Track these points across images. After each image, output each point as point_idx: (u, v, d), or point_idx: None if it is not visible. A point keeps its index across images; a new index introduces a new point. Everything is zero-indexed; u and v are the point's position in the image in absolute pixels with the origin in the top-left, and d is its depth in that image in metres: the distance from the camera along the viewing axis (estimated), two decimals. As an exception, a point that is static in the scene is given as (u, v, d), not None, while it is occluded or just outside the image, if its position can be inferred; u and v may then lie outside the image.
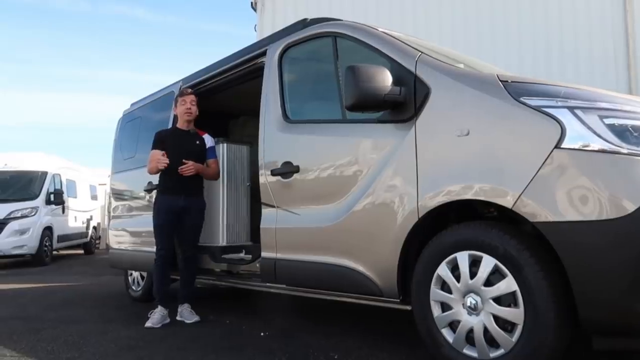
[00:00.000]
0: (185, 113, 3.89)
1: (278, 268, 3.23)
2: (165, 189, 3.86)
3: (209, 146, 4.01)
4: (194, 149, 3.90)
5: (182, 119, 3.93)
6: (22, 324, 3.85)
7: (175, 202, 3.79)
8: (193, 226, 3.88)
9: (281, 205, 3.26)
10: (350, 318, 3.72)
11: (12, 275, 8.46)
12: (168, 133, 4.01)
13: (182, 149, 3.83)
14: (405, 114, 2.55)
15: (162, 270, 3.81)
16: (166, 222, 3.80)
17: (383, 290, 2.63)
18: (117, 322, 3.88)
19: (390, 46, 2.72)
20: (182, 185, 3.79)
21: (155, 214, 3.84)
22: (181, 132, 3.95)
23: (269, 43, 3.63)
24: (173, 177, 3.79)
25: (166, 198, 3.82)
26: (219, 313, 4.04)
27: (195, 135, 3.97)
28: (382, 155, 2.65)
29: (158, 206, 3.85)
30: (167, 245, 3.81)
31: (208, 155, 3.98)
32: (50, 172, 11.18)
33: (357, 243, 2.74)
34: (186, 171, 3.75)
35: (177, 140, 3.89)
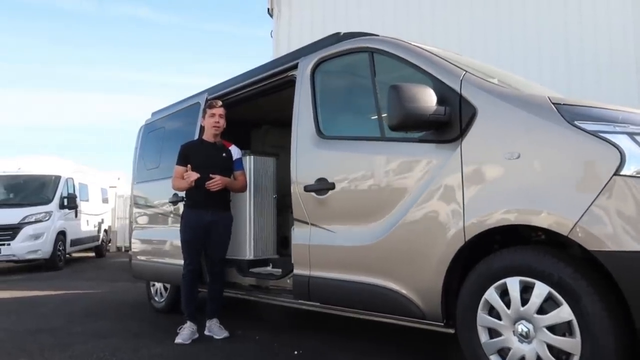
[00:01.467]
0: (213, 126, 3.83)
1: (312, 286, 3.20)
2: (192, 204, 3.80)
3: (236, 158, 3.94)
4: (221, 162, 3.83)
5: (210, 131, 3.87)
6: (50, 338, 3.83)
7: (202, 217, 3.73)
8: (220, 241, 3.81)
9: (315, 222, 3.22)
10: (384, 333, 3.66)
11: (28, 280, 8.47)
12: (194, 146, 3.94)
13: (208, 162, 3.76)
14: (450, 134, 2.51)
15: (191, 285, 3.77)
16: (194, 237, 3.74)
17: (425, 313, 2.59)
18: (145, 337, 3.85)
19: (432, 64, 2.67)
20: (209, 200, 3.73)
21: (183, 229, 3.79)
22: (207, 144, 3.89)
23: (300, 56, 3.60)
24: (200, 191, 3.72)
25: (193, 213, 3.76)
26: (245, 327, 4.01)
27: (222, 148, 3.91)
28: (424, 176, 2.60)
29: (185, 221, 3.79)
30: (195, 260, 3.77)
31: (235, 167, 3.92)
32: (64, 176, 11.20)
33: (397, 264, 2.70)
34: (213, 186, 3.69)
35: (204, 153, 3.82)
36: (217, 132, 3.86)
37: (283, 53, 8.23)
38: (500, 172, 2.30)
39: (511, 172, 2.26)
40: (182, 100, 4.81)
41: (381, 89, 2.93)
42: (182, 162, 3.81)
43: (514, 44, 7.36)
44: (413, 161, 2.66)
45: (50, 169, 11.38)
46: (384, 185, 2.80)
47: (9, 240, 9.56)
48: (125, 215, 16.83)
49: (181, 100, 4.84)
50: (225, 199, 3.88)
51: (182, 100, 4.81)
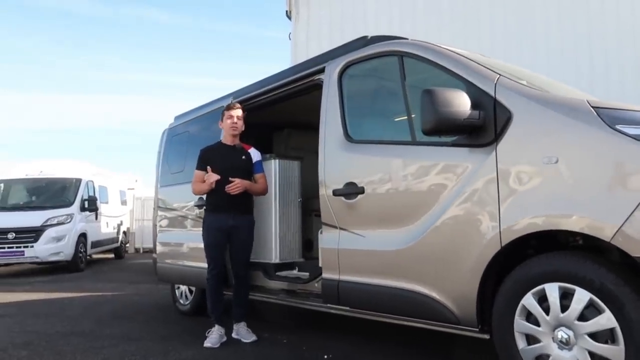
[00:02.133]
0: (231, 127, 3.81)
1: (342, 290, 3.19)
2: (213, 208, 3.79)
3: (256, 160, 3.92)
4: (241, 165, 3.81)
5: (228, 133, 3.86)
6: (81, 341, 3.88)
7: (224, 221, 3.71)
8: (243, 245, 3.79)
9: (344, 226, 3.22)
10: (414, 337, 3.63)
11: (52, 282, 8.59)
12: (213, 149, 3.92)
13: (228, 166, 3.74)
14: (484, 138, 2.49)
15: (216, 289, 3.78)
16: (216, 241, 3.74)
17: (460, 318, 2.57)
18: (174, 339, 3.88)
19: (465, 68, 2.66)
20: (230, 203, 3.71)
21: (205, 234, 3.79)
22: (226, 147, 3.87)
23: (326, 60, 3.60)
24: (220, 195, 3.70)
25: (215, 217, 3.75)
26: (272, 330, 4.02)
27: (242, 150, 3.89)
28: (457, 180, 2.58)
29: (207, 225, 3.78)
30: (218, 264, 3.77)
31: (255, 170, 3.90)
32: (84, 179, 11.34)
33: (430, 269, 2.69)
34: (234, 189, 3.67)
35: (223, 157, 3.80)
36: (235, 133, 3.84)
37: (302, 55, 8.30)
38: (538, 177, 2.28)
39: (550, 176, 2.24)
40: (206, 104, 4.85)
41: (411, 93, 2.92)
42: (202, 166, 3.81)
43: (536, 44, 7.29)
44: (446, 165, 2.65)
45: (71, 171, 11.55)
46: (416, 190, 2.78)
47: (32, 243, 9.72)
48: (143, 217, 17.03)
49: (205, 104, 4.87)
50: (247, 202, 3.85)
51: (206, 104, 4.85)
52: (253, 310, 4.74)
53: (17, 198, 11.05)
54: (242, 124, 3.87)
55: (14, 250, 9.62)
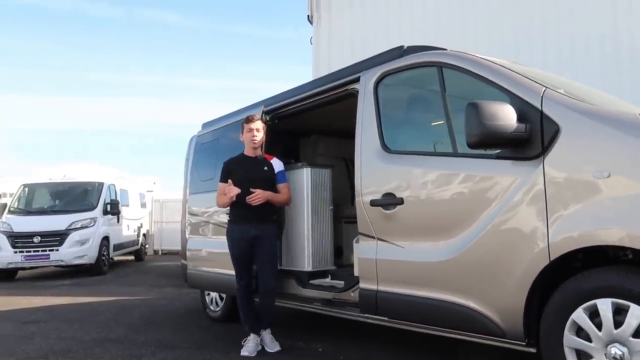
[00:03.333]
0: (251, 140, 3.85)
1: (380, 300, 3.20)
2: (235, 218, 3.81)
3: (278, 170, 3.92)
4: (262, 176, 3.82)
5: (249, 146, 3.89)
6: (119, 348, 3.94)
7: (246, 231, 3.72)
8: (267, 255, 3.78)
9: (382, 237, 3.22)
10: (452, 347, 3.62)
11: (77, 286, 8.72)
12: (235, 161, 3.94)
13: (250, 177, 3.76)
14: (531, 151, 2.47)
15: (245, 299, 3.79)
16: (240, 252, 3.76)
17: (506, 331, 2.56)
18: (210, 347, 3.92)
19: (510, 80, 2.64)
20: (251, 214, 3.71)
21: (230, 245, 3.81)
22: (249, 159, 3.89)
23: (361, 69, 3.60)
24: (242, 206, 3.72)
25: (237, 227, 3.77)
26: (306, 339, 4.04)
27: (264, 161, 3.90)
28: (503, 192, 2.57)
29: (230, 236, 3.81)
30: (246, 274, 3.78)
31: (278, 180, 3.90)
32: (106, 183, 11.49)
33: (473, 281, 2.68)
34: (254, 200, 3.68)
35: (245, 168, 3.82)
36: (255, 146, 3.87)
37: (323, 59, 8.33)
38: (589, 191, 2.26)
39: (601, 190, 2.22)
40: (235, 112, 4.88)
41: (452, 105, 2.92)
42: (225, 179, 3.85)
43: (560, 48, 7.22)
44: (491, 178, 2.64)
45: (93, 175, 11.71)
46: (458, 202, 2.77)
47: (57, 246, 9.87)
48: (161, 219, 17.21)
49: (234, 112, 4.90)
50: (269, 213, 3.84)
51: (235, 112, 4.88)
52: (285, 318, 4.77)
53: (41, 202, 11.24)
54: (262, 136, 3.90)
55: (39, 253, 9.79)
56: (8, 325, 5.09)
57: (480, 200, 2.67)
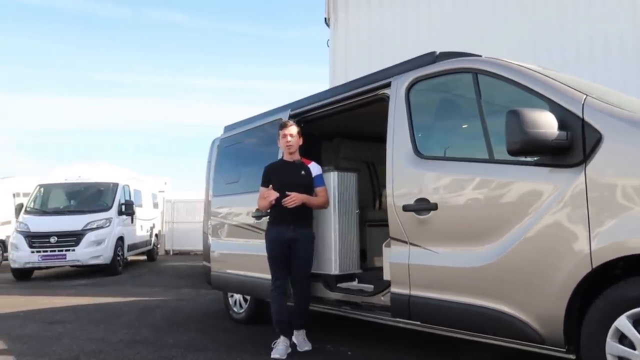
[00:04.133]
0: (285, 146, 3.96)
1: (413, 305, 3.21)
2: (274, 220, 3.92)
3: (316, 175, 4.01)
4: (300, 180, 3.91)
5: (285, 152, 4.01)
6: (149, 350, 3.98)
7: (284, 233, 3.82)
8: (304, 257, 3.87)
9: (415, 242, 3.24)
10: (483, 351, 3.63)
11: (94, 286, 8.79)
12: (275, 166, 4.07)
13: (288, 181, 3.88)
14: (572, 159, 2.48)
15: (279, 300, 3.85)
16: (278, 252, 3.84)
17: (545, 337, 2.57)
18: (238, 350, 3.95)
19: (550, 88, 2.65)
20: (290, 216, 3.82)
21: (267, 246, 3.90)
22: (287, 163, 4.01)
23: (391, 74, 3.62)
24: (281, 209, 3.83)
25: (275, 229, 3.87)
26: (333, 342, 4.07)
27: (301, 166, 3.99)
28: (543, 199, 2.58)
29: (268, 237, 3.90)
30: (282, 275, 3.85)
31: (315, 184, 3.98)
32: (121, 183, 11.57)
33: (512, 287, 2.69)
34: (289, 203, 3.78)
35: (283, 172, 3.94)
36: (291, 151, 3.98)
37: (340, 61, 8.35)
38: (632, 198, 2.27)
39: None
40: (261, 115, 4.90)
41: (488, 111, 2.94)
42: (265, 183, 3.98)
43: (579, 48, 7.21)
44: (530, 184, 2.65)
45: (107, 176, 11.79)
46: (495, 208, 2.79)
47: (74, 246, 9.97)
48: (173, 220, 17.31)
49: (259, 115, 4.93)
50: (306, 216, 3.94)
51: (261, 115, 4.90)
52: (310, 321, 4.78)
53: (57, 202, 11.33)
54: (297, 140, 4.00)
55: (56, 253, 9.89)
56: (34, 325, 5.15)
57: (518, 207, 2.68)
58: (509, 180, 2.75)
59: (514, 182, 2.72)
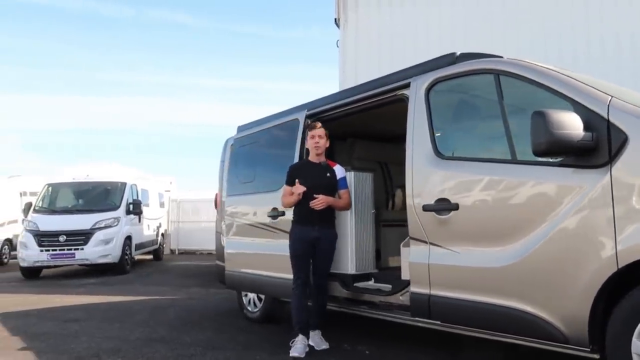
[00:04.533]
0: (314, 147, 4.01)
1: (433, 304, 3.23)
2: (298, 219, 3.98)
3: (340, 177, 4.06)
4: (325, 182, 3.98)
5: (312, 152, 4.05)
6: (167, 349, 4.00)
7: (308, 232, 3.89)
8: (326, 256, 3.96)
9: (435, 242, 3.25)
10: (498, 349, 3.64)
11: (103, 285, 8.82)
12: (300, 166, 4.13)
13: (313, 182, 3.93)
14: (597, 159, 2.50)
15: (301, 298, 3.88)
16: (301, 251, 3.90)
17: (569, 337, 2.58)
18: (256, 348, 3.97)
19: (574, 89, 2.67)
20: (314, 216, 3.90)
21: (291, 244, 3.96)
22: (312, 164, 4.06)
23: (410, 75, 3.64)
24: (305, 208, 3.90)
25: (300, 228, 3.94)
26: (350, 341, 4.08)
27: (326, 168, 4.05)
28: (568, 200, 2.59)
29: (293, 236, 3.97)
30: (304, 274, 3.90)
31: (339, 186, 4.04)
32: (129, 183, 11.61)
33: (535, 287, 2.70)
34: (317, 205, 3.85)
35: (309, 174, 3.99)
36: (318, 152, 4.03)
37: (350, 62, 8.37)
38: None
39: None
40: (277, 114, 4.92)
41: (510, 112, 2.96)
42: (290, 182, 4.03)
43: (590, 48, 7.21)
44: (554, 185, 2.66)
45: (114, 175, 11.83)
46: (519, 208, 2.80)
47: (83, 245, 10.01)
48: (178, 219, 17.35)
49: (276, 114, 4.94)
50: (330, 216, 4.01)
51: (277, 114, 4.92)
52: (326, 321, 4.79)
53: (65, 201, 11.37)
54: (325, 142, 4.05)
55: (65, 252, 9.92)
56: (49, 323, 5.18)
57: (542, 207, 2.70)
58: (533, 180, 2.76)
59: (538, 183, 2.73)
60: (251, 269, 4.82)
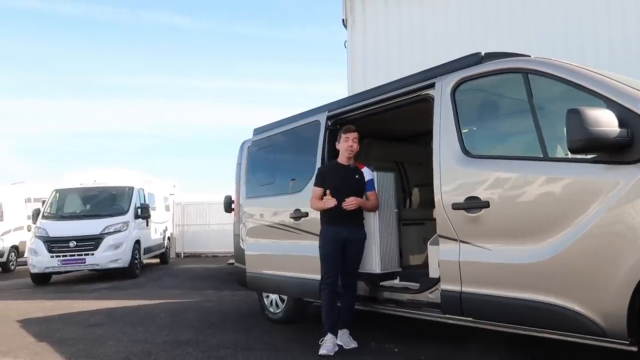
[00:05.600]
0: (347, 150, 4.05)
1: (465, 301, 3.27)
2: (329, 220, 4.03)
3: (368, 179, 4.12)
4: (354, 184, 4.04)
5: (344, 155, 4.08)
6: (197, 351, 4.04)
7: (339, 233, 3.95)
8: (355, 256, 4.02)
9: (465, 239, 3.29)
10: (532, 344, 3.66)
11: (116, 289, 8.84)
12: (330, 168, 4.18)
13: (343, 184, 4.00)
14: (632, 155, 2.55)
15: (331, 298, 3.92)
16: (332, 251, 3.94)
17: (607, 331, 2.63)
18: (287, 349, 4.01)
19: (606, 86, 2.72)
20: (344, 217, 3.96)
21: (322, 244, 4.01)
22: (342, 166, 4.11)
23: (434, 75, 3.68)
24: (336, 210, 3.94)
25: (330, 228, 3.99)
26: (378, 340, 4.12)
27: (355, 170, 4.11)
28: (602, 196, 2.64)
29: (324, 236, 4.02)
30: (334, 273, 3.93)
31: (367, 188, 4.10)
32: (136, 187, 11.62)
33: (572, 282, 2.74)
34: (349, 207, 3.92)
35: (338, 175, 4.06)
36: (351, 155, 4.08)
37: (358, 63, 8.40)
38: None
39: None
40: (296, 116, 4.95)
41: (540, 110, 3.00)
42: (319, 184, 4.09)
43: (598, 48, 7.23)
44: (589, 181, 2.70)
45: (121, 179, 11.83)
46: (552, 205, 2.84)
47: (93, 250, 10.03)
48: (183, 222, 17.38)
49: (295, 116, 4.97)
50: (359, 217, 4.07)
51: (296, 116, 4.95)
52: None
53: (73, 207, 11.39)
54: (357, 146, 4.12)
55: (75, 258, 9.95)
56: (73, 328, 5.21)
57: (576, 203, 2.74)
58: (565, 176, 2.81)
59: (572, 179, 2.78)
60: (274, 270, 4.86)
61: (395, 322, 4.37)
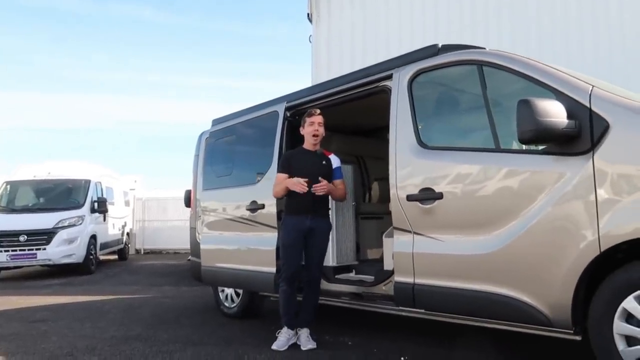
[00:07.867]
0: (312, 135, 3.87)
1: (417, 293, 3.26)
2: (291, 210, 3.83)
3: (336, 166, 3.96)
4: (321, 170, 3.85)
5: (309, 140, 3.91)
6: (145, 346, 3.89)
7: (303, 222, 3.75)
8: (319, 248, 3.82)
9: (419, 231, 3.29)
10: (487, 336, 3.69)
11: (69, 285, 8.52)
12: (295, 154, 3.97)
13: (309, 170, 3.79)
14: (579, 147, 2.58)
15: (288, 292, 3.78)
16: (294, 241, 3.76)
17: (553, 320, 2.65)
18: (240, 343, 3.92)
19: (556, 79, 2.75)
20: (308, 206, 3.76)
21: (284, 235, 3.82)
22: (308, 152, 3.92)
23: (392, 67, 3.66)
24: (299, 198, 3.74)
25: (293, 218, 3.79)
26: (332, 332, 4.08)
27: (322, 156, 3.95)
28: (550, 187, 2.66)
29: (286, 226, 3.82)
30: (295, 265, 3.77)
31: (335, 176, 3.93)
32: (93, 180, 11.24)
33: (520, 273, 2.76)
34: (319, 190, 3.71)
35: (304, 161, 3.86)
36: (317, 141, 3.91)
37: (323, 58, 8.37)
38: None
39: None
40: (255, 107, 4.85)
41: (493, 102, 3.01)
42: (284, 170, 3.87)
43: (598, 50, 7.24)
44: (538, 172, 2.73)
45: (78, 172, 11.41)
46: (503, 196, 2.86)
47: (45, 245, 9.62)
48: (143, 218, 16.95)
49: (254, 107, 4.88)
50: (325, 206, 3.90)
51: (255, 107, 4.85)
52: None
53: (26, 200, 10.91)
54: (323, 130, 3.93)
55: (26, 252, 9.52)
56: (16, 324, 4.96)
57: (526, 194, 2.76)
58: (517, 168, 2.82)
59: (522, 170, 2.80)
60: (229, 263, 4.74)
61: (351, 315, 4.34)
